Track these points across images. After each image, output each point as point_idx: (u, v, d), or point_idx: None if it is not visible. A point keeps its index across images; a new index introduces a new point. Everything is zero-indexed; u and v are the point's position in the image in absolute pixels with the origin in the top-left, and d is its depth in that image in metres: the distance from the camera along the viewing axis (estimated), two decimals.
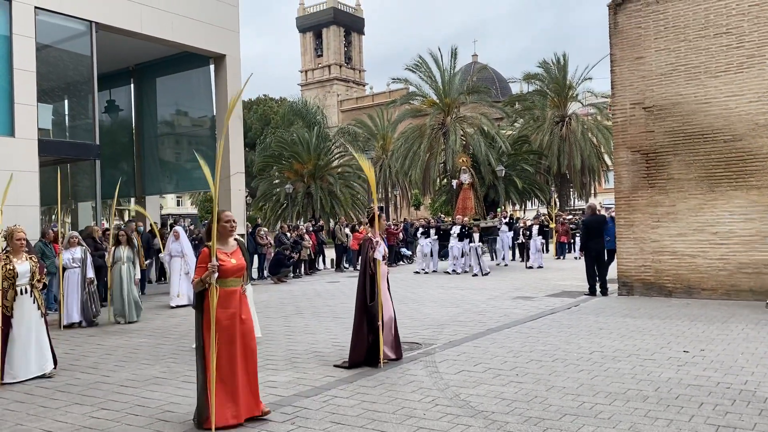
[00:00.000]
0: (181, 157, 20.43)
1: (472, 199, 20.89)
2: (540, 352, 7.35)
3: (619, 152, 12.49)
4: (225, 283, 4.94)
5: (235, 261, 5.04)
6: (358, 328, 6.86)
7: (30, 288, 6.87)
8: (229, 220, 5.12)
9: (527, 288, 14.12)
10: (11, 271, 6.73)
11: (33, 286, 6.89)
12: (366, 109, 60.39)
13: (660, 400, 5.33)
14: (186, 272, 12.74)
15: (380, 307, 6.77)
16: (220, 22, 17.05)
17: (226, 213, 5.16)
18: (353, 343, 6.89)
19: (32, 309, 6.86)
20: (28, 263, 6.91)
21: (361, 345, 6.81)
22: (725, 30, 11.34)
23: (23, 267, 6.84)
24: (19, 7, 13.01)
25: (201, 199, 55.56)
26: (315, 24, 76.35)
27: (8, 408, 5.71)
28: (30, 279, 6.86)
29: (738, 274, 11.19)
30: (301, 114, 49.41)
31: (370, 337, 6.79)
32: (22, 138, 12.99)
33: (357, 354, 6.82)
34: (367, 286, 6.86)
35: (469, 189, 21.16)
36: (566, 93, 39.99)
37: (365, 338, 6.80)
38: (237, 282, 5.04)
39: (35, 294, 6.91)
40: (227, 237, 5.12)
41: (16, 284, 6.76)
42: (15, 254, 6.87)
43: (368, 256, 6.94)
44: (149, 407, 5.58)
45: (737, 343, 7.56)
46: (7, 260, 6.78)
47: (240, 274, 5.06)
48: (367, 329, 6.79)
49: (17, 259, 6.84)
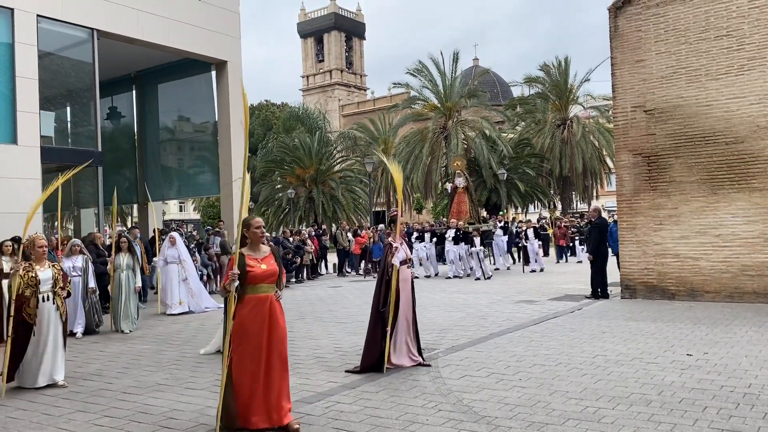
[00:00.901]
0: (184, 163, 20.48)
1: (467, 202, 20.89)
2: (543, 356, 7.33)
3: (621, 155, 12.49)
4: (256, 289, 4.90)
5: (266, 267, 4.98)
6: (372, 334, 6.85)
7: (53, 295, 6.84)
8: (260, 226, 5.11)
9: (530, 292, 14.09)
10: (33, 279, 6.73)
11: (56, 293, 6.86)
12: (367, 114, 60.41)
13: (663, 404, 5.32)
14: (184, 279, 12.59)
15: (391, 314, 6.73)
16: (221, 29, 17.10)
17: (256, 219, 5.15)
18: (366, 348, 6.88)
19: (55, 317, 6.84)
20: (51, 270, 6.90)
21: (374, 350, 6.79)
22: (726, 32, 11.34)
23: (45, 274, 6.84)
24: (21, 15, 13.07)
25: (203, 205, 55.64)
26: (316, 29, 76.49)
27: (11, 416, 5.71)
28: (52, 286, 6.85)
29: (741, 277, 11.17)
30: (302, 119, 49.50)
31: (383, 343, 6.76)
32: (24, 145, 13.02)
33: (369, 359, 6.80)
34: (381, 292, 6.86)
35: (464, 193, 21.13)
36: (567, 96, 40.00)
37: (379, 344, 6.77)
38: (269, 288, 4.98)
39: (58, 302, 6.88)
40: (258, 243, 5.09)
41: (39, 291, 6.75)
42: (37, 262, 6.89)
43: (387, 261, 6.94)
44: (152, 414, 5.58)
45: (741, 346, 7.54)
46: (29, 267, 6.78)
47: (272, 280, 5.00)
48: (381, 335, 6.78)
49: (39, 267, 6.85)
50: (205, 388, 6.43)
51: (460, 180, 21.29)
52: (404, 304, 6.94)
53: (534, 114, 41.17)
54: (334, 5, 75.97)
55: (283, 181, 39.44)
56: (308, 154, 38.42)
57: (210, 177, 18.75)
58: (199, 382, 6.70)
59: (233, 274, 4.77)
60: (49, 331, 6.78)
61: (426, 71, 36.93)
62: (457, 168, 21.92)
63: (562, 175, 39.41)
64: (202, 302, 12.83)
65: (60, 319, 6.90)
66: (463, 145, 34.63)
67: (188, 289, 12.67)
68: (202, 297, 12.96)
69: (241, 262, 4.90)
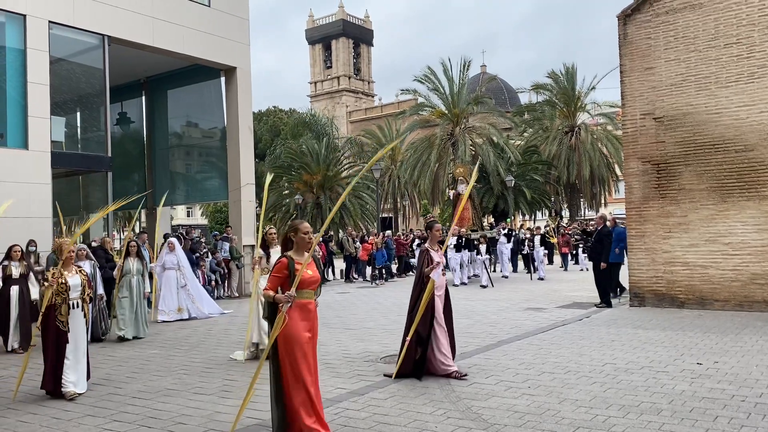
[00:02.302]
0: (192, 169, 20.55)
1: (469, 209, 20.78)
2: (552, 364, 7.31)
3: (630, 163, 12.45)
4: (301, 294, 4.82)
5: (312, 272, 4.93)
6: (407, 341, 6.79)
7: (80, 302, 6.74)
8: (308, 231, 5.00)
9: (538, 299, 14.05)
10: (63, 285, 6.59)
11: (83, 300, 6.78)
12: (375, 120, 60.57)
13: (674, 413, 5.29)
14: (183, 285, 12.40)
15: (416, 322, 6.70)
16: (230, 35, 17.19)
17: (304, 224, 5.04)
18: (401, 354, 6.83)
19: (83, 323, 6.77)
20: (79, 276, 6.78)
21: (409, 357, 6.73)
22: (735, 40, 11.31)
23: (74, 280, 6.70)
24: (33, 21, 13.17)
25: (211, 210, 55.79)
26: (324, 36, 76.84)
27: (21, 419, 5.74)
28: (81, 293, 6.74)
29: (751, 285, 11.10)
30: (310, 125, 49.63)
31: (418, 351, 6.70)
32: (35, 150, 13.10)
33: (404, 366, 6.77)
34: (416, 301, 6.82)
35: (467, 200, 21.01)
36: (575, 103, 39.97)
37: (413, 351, 6.72)
38: (311, 294, 4.93)
39: (85, 308, 6.80)
40: (304, 248, 4.98)
41: (69, 298, 6.61)
42: (65, 267, 6.73)
43: (423, 270, 6.88)
44: (161, 419, 5.59)
45: (751, 355, 7.49)
46: (58, 274, 6.64)
47: (315, 286, 4.95)
48: (416, 343, 6.73)
49: (68, 272, 6.71)
50: (213, 393, 6.44)
51: (463, 187, 21.17)
52: (438, 313, 6.88)
53: (541, 121, 41.16)
54: (342, 12, 76.31)
55: (290, 187, 39.52)
56: (316, 160, 38.50)
57: (218, 182, 18.81)
58: (207, 388, 6.71)
59: (290, 296, 4.67)
60: (78, 338, 6.68)
61: (434, 78, 36.99)
62: (459, 175, 21.83)
63: (569, 182, 39.34)
64: (204, 308, 12.70)
65: (85, 326, 6.81)
66: (471, 151, 34.62)
67: (188, 295, 12.51)
68: (203, 302, 12.81)
69: (291, 266, 4.81)
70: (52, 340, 6.58)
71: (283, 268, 4.82)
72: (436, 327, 6.85)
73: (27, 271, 9.59)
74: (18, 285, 9.41)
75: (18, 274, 9.44)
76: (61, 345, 6.56)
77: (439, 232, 7.36)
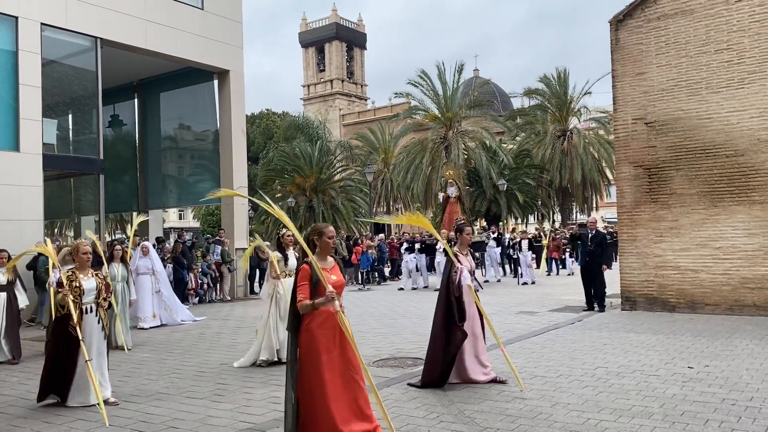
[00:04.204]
0: (184, 171, 20.50)
1: (458, 213, 20.58)
2: (544, 367, 7.33)
3: (621, 167, 12.52)
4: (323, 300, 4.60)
5: (336, 277, 4.79)
6: (433, 350, 6.60)
7: (96, 307, 6.36)
8: (333, 235, 4.87)
9: (529, 303, 14.08)
10: (77, 289, 6.22)
11: (99, 304, 6.39)
12: (368, 123, 60.61)
13: (665, 417, 5.32)
14: (157, 290, 11.96)
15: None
16: (223, 38, 17.18)
17: (329, 228, 4.90)
18: (427, 364, 6.63)
19: (98, 330, 6.37)
20: (94, 280, 6.40)
21: (435, 367, 6.52)
22: (726, 46, 11.41)
23: (89, 284, 6.33)
24: (25, 23, 13.13)
25: (203, 213, 55.64)
26: (317, 39, 76.89)
27: (12, 424, 5.70)
28: (96, 297, 6.36)
29: (741, 289, 11.17)
30: (303, 128, 49.65)
31: (446, 359, 6.48)
32: (27, 153, 13.05)
33: (431, 375, 6.55)
34: (445, 308, 6.63)
35: (456, 203, 20.75)
36: (567, 108, 40.15)
37: (439, 360, 6.50)
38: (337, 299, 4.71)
39: (101, 313, 6.41)
40: (328, 253, 4.86)
41: (82, 302, 6.24)
42: (80, 270, 6.38)
43: (451, 277, 6.68)
44: (153, 423, 5.57)
45: (742, 358, 7.54)
46: (73, 276, 6.29)
47: (340, 291, 4.77)
48: (443, 352, 6.49)
49: (83, 275, 6.35)
50: (206, 397, 6.42)
51: (452, 190, 20.92)
52: (470, 318, 6.68)
53: (534, 125, 41.32)
54: (335, 15, 76.40)
55: (283, 190, 39.52)
56: (308, 163, 38.50)
57: (210, 185, 18.74)
58: (200, 391, 6.69)
59: (331, 292, 4.51)
60: (92, 345, 6.27)
61: (427, 81, 37.10)
62: (449, 177, 21.61)
63: (561, 186, 39.49)
64: (177, 315, 12.28)
65: (103, 332, 6.45)
66: (464, 155, 34.72)
67: (161, 302, 12.04)
68: (176, 309, 12.37)
69: (314, 271, 4.62)
70: (59, 347, 6.23)
71: (307, 274, 4.64)
72: (470, 333, 6.60)
73: (14, 278, 9.03)
74: (6, 292, 8.83)
75: (5, 281, 8.84)
76: (73, 353, 6.17)
77: (470, 236, 7.12)
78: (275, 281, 8.30)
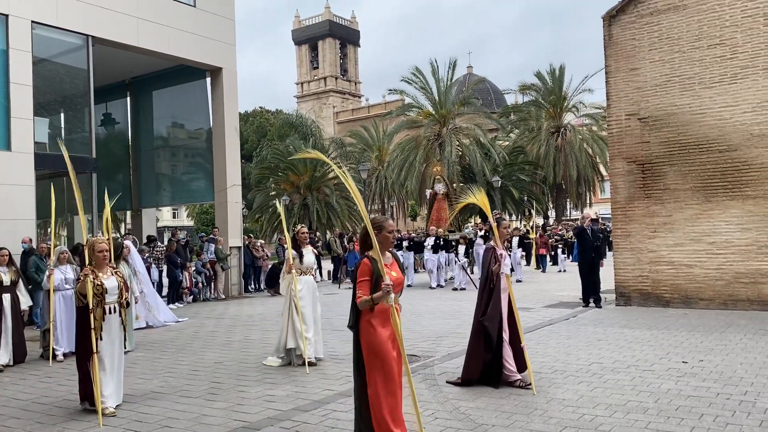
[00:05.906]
0: (178, 170, 20.41)
1: (446, 209, 20.37)
2: (539, 363, 7.32)
3: (615, 163, 12.54)
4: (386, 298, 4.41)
5: (396, 274, 4.54)
6: (474, 345, 6.46)
7: (118, 307, 6.13)
8: (393, 230, 4.67)
9: (524, 299, 14.07)
10: (99, 287, 5.96)
11: (121, 304, 6.17)
12: (362, 121, 60.57)
13: (660, 412, 5.32)
14: (140, 291, 11.58)
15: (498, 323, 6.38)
16: (216, 36, 17.09)
17: (390, 222, 4.69)
18: (467, 360, 6.49)
19: (119, 330, 6.17)
20: (115, 278, 6.13)
21: (476, 363, 6.38)
22: (719, 41, 11.42)
23: (111, 282, 6.06)
24: (15, 21, 13.02)
25: (197, 212, 55.49)
26: (310, 36, 76.74)
27: (5, 424, 5.66)
28: (118, 297, 6.13)
29: (735, 284, 11.21)
30: (296, 126, 49.54)
31: (487, 356, 6.34)
32: (18, 152, 12.95)
33: (470, 372, 6.41)
34: (483, 301, 6.51)
35: (444, 200, 20.47)
36: (561, 104, 40.21)
37: (481, 356, 6.35)
38: (395, 297, 4.51)
39: (122, 314, 6.20)
40: (387, 248, 4.63)
41: (105, 302, 5.98)
42: (99, 268, 6.10)
43: (491, 269, 6.50)
44: (147, 422, 5.54)
45: (736, 353, 7.56)
46: (93, 274, 6.01)
47: (399, 288, 4.53)
48: (484, 347, 6.36)
49: (102, 274, 6.08)
50: (200, 396, 6.39)
51: (440, 186, 20.61)
52: (504, 316, 6.54)
53: (528, 122, 41.37)
54: (328, 12, 76.25)
55: (277, 188, 39.41)
56: (302, 161, 38.37)
57: (204, 183, 18.69)
58: (194, 390, 6.66)
59: (387, 285, 4.29)
60: (115, 347, 6.09)
61: (421, 78, 37.07)
62: (436, 174, 21.42)
63: (555, 182, 39.58)
64: (160, 315, 12.09)
65: (123, 334, 6.29)
66: (458, 152, 34.73)
67: (144, 303, 11.77)
68: (159, 310, 12.18)
69: (377, 268, 4.41)
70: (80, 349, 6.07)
71: (368, 270, 4.42)
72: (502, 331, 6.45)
73: (17, 278, 8.77)
74: (9, 293, 8.53)
75: (8, 281, 8.56)
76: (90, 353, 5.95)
77: (507, 230, 6.93)
78: (289, 277, 8.11)
